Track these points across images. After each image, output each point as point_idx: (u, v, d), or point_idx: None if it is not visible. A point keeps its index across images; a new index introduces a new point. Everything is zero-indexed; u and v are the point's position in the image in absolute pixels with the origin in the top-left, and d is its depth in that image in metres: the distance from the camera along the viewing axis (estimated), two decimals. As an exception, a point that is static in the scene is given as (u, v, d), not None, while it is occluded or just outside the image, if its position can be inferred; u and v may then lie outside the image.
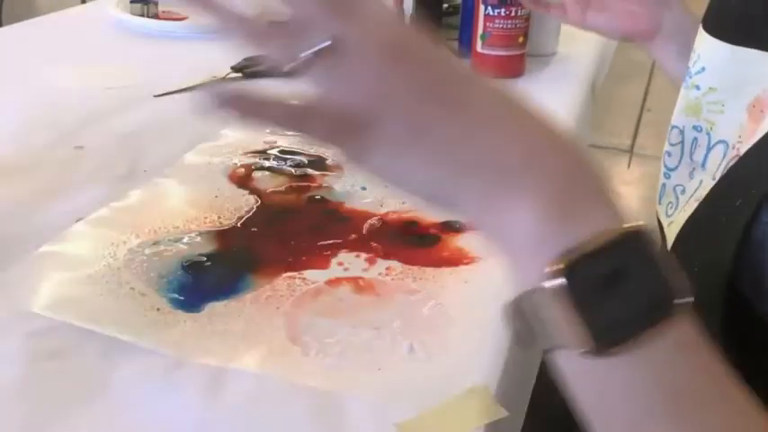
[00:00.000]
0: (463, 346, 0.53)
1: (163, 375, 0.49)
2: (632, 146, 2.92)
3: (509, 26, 1.02)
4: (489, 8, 1.01)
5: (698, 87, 0.59)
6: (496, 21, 1.01)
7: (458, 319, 0.55)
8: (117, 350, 0.51)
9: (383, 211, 0.69)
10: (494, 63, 1.04)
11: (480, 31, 1.03)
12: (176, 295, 0.56)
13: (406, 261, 0.62)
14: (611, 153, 2.84)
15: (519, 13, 1.01)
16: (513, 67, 1.04)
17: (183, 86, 0.95)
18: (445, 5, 1.18)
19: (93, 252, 0.60)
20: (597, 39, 1.27)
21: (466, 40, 1.10)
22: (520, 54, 1.04)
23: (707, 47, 0.58)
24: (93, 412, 0.46)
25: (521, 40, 1.03)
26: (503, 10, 1.00)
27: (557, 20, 0.91)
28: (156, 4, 1.22)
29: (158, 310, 0.54)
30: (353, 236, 0.65)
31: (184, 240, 0.63)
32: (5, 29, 1.20)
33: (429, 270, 0.61)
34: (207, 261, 0.60)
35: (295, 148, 0.80)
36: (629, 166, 2.77)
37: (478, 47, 1.04)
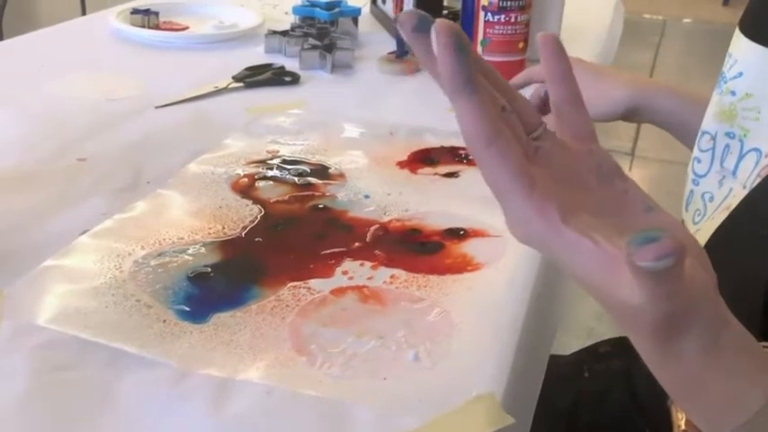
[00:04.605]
0: (469, 353, 0.53)
1: (169, 387, 0.49)
2: (633, 149, 2.92)
3: (509, 32, 1.02)
4: (489, 14, 1.01)
5: (733, 93, 0.57)
6: (496, 27, 1.02)
7: (463, 327, 0.55)
8: (123, 362, 0.51)
9: (386, 218, 0.69)
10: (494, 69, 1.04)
11: (480, 36, 1.03)
12: (182, 306, 0.56)
13: (410, 269, 0.62)
14: (612, 156, 2.84)
15: (519, 19, 1.01)
16: (514, 73, 1.03)
17: (185, 97, 0.95)
18: (445, 12, 1.19)
19: (99, 264, 0.60)
20: (597, 43, 1.27)
21: (466, 47, 1.10)
22: (520, 59, 1.05)
23: (745, 51, 0.56)
24: (100, 424, 0.46)
25: (521, 45, 1.04)
26: (502, 16, 1.01)
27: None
28: (157, 14, 1.23)
29: (164, 321, 0.55)
30: (357, 244, 0.65)
31: (189, 251, 0.63)
32: (7, 41, 1.20)
33: (433, 278, 0.61)
34: (212, 272, 0.60)
35: (297, 157, 0.80)
36: (630, 168, 2.77)
37: (479, 53, 1.05)
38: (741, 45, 0.57)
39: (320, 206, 0.71)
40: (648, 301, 0.35)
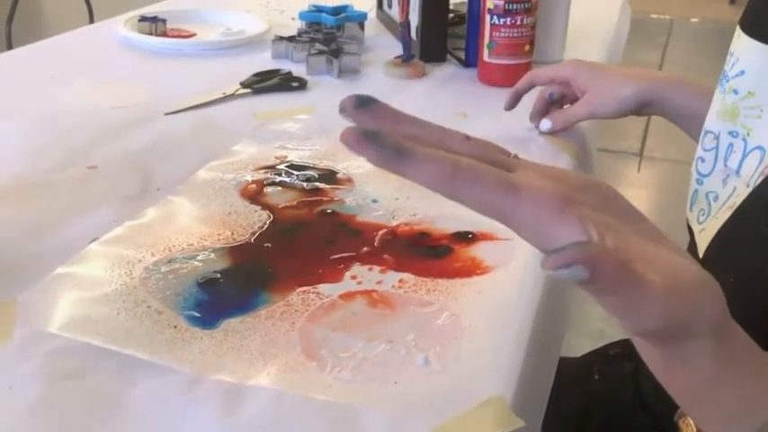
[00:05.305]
0: (478, 357, 0.53)
1: (180, 393, 0.49)
2: (642, 149, 2.91)
3: (515, 35, 1.02)
4: (495, 17, 1.01)
5: (736, 92, 0.57)
6: (502, 30, 1.02)
7: (472, 330, 0.56)
8: (135, 368, 0.51)
9: (395, 223, 0.69)
10: (501, 72, 1.04)
11: (487, 40, 1.04)
12: (193, 312, 0.56)
13: (419, 273, 0.62)
14: (621, 157, 2.84)
15: (525, 22, 1.01)
16: (520, 76, 1.04)
17: (193, 103, 0.96)
18: (451, 15, 1.19)
19: (110, 271, 0.61)
20: (604, 43, 1.27)
21: (472, 50, 1.11)
22: (526, 62, 1.05)
23: (746, 49, 0.56)
24: (112, 431, 0.47)
25: (527, 48, 1.04)
26: (508, 19, 1.01)
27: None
28: (164, 22, 1.23)
29: (175, 327, 0.55)
30: (366, 249, 0.65)
31: (199, 257, 0.63)
32: (16, 50, 1.21)
33: (442, 281, 0.61)
34: (221, 278, 0.61)
35: (305, 162, 0.81)
36: (638, 169, 2.76)
37: (485, 56, 1.05)
38: (742, 43, 0.57)
39: (328, 211, 0.71)
40: (617, 317, 0.34)
